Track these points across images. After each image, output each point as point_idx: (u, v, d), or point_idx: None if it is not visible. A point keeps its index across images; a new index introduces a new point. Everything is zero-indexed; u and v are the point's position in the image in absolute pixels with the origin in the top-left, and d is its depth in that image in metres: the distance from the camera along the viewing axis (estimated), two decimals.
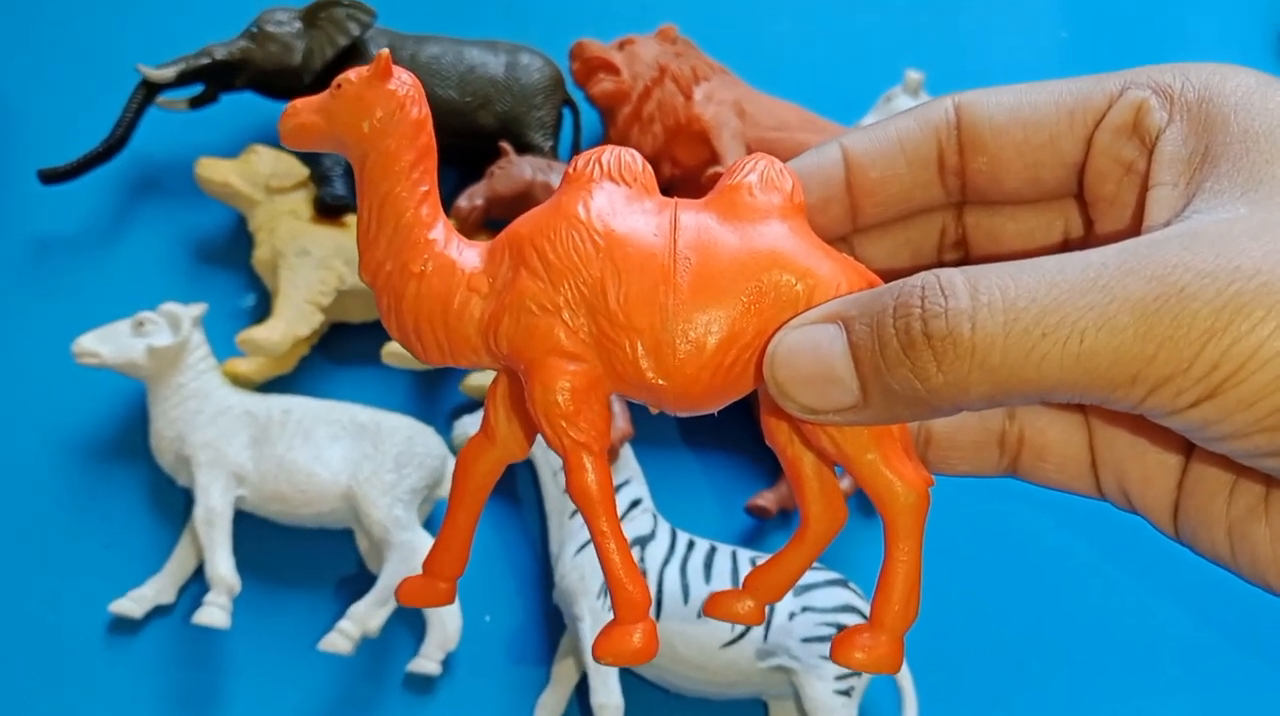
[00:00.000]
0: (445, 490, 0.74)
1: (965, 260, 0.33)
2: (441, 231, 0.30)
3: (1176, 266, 0.23)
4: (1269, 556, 0.28)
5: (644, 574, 0.69)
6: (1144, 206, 0.28)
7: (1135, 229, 0.28)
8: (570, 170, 0.30)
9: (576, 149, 0.88)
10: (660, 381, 0.28)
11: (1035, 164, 0.30)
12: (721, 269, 0.28)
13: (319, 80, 0.82)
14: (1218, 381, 0.23)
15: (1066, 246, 0.32)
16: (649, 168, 0.30)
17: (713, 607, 0.32)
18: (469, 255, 0.30)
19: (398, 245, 0.30)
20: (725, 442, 0.82)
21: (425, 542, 0.70)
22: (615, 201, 0.29)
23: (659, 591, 0.69)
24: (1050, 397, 0.25)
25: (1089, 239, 0.31)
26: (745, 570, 0.71)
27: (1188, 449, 0.30)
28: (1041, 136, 0.30)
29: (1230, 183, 0.26)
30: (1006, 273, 0.25)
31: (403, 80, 0.30)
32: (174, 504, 0.75)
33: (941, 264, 0.33)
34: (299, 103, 0.30)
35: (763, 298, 0.28)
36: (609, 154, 0.30)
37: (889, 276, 0.28)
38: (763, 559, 0.72)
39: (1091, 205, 0.31)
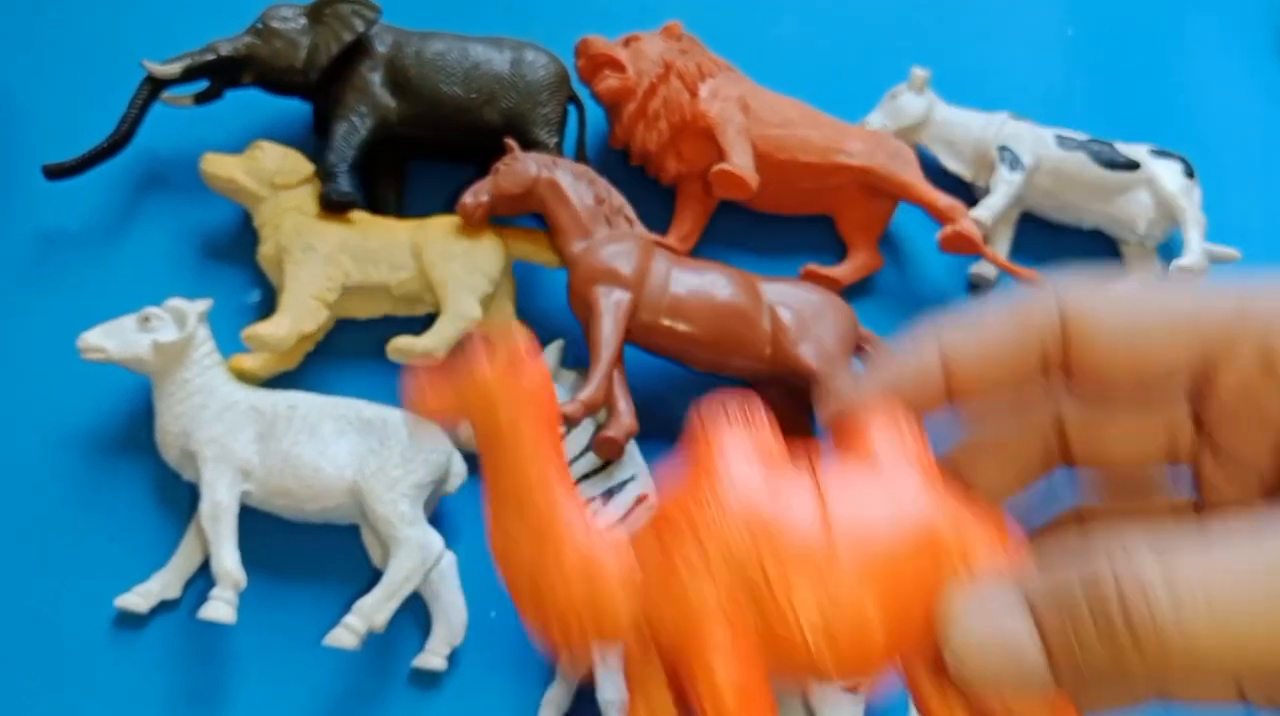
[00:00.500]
0: (451, 486, 0.74)
1: (1070, 462, 0.33)
2: (575, 512, 0.29)
3: None
4: None
5: None
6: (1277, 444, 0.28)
7: (1272, 465, 0.29)
8: (701, 443, 0.29)
9: (581, 146, 0.88)
10: (834, 670, 0.27)
11: (1147, 380, 0.30)
12: (879, 545, 0.27)
13: (324, 77, 0.82)
14: None
15: (1174, 446, 0.31)
16: (775, 427, 0.30)
17: None
18: (610, 540, 0.29)
19: (532, 529, 0.29)
20: None
21: (431, 538, 0.70)
22: (757, 479, 0.28)
23: None
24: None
25: (1202, 443, 0.31)
26: None
27: None
28: (1155, 352, 0.29)
29: None
30: (1203, 564, 0.24)
31: (534, 372, 0.29)
32: (179, 499, 0.75)
33: (1048, 472, 0.33)
34: (427, 382, 0.29)
35: (923, 571, 0.28)
36: (737, 425, 0.29)
37: (1003, 502, 0.30)
38: None
39: (1206, 416, 0.30)
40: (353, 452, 0.72)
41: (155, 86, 0.81)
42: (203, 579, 0.72)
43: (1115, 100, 1.00)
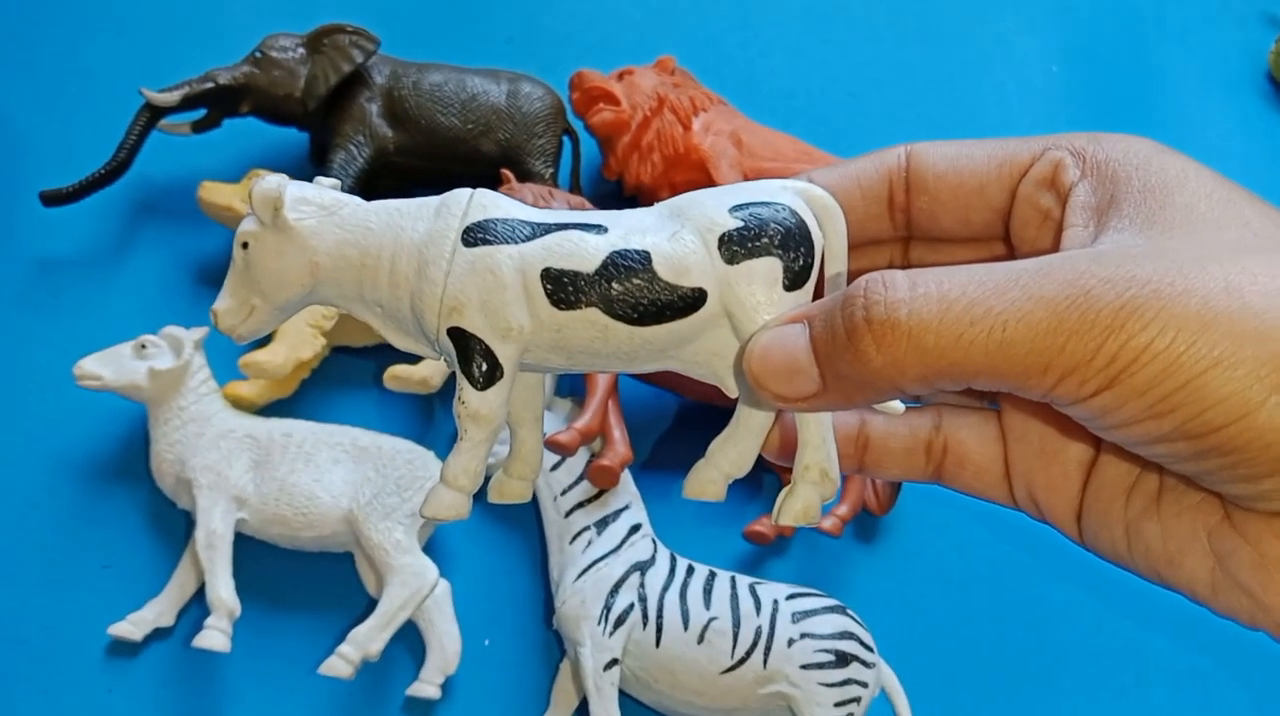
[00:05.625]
0: None
1: None
2: None
3: (1084, 273, 0.27)
4: (1160, 551, 0.32)
5: (644, 599, 0.70)
6: (1059, 245, 0.32)
7: None
8: None
9: (576, 177, 0.89)
10: None
11: (967, 207, 0.35)
12: None
13: (322, 106, 0.83)
14: (1115, 372, 0.27)
15: None
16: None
17: None
18: None
19: None
20: None
21: (426, 566, 0.71)
22: None
23: (659, 617, 0.70)
24: (975, 382, 0.29)
25: None
26: (745, 595, 0.71)
27: (1090, 461, 0.34)
28: (974, 183, 0.35)
29: (1130, 223, 0.30)
30: (942, 272, 0.29)
31: None
32: (174, 526, 0.75)
33: None
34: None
35: None
36: None
37: None
38: (762, 585, 0.73)
39: (1015, 247, 0.35)
40: (348, 481, 0.73)
41: (153, 114, 0.82)
42: (197, 607, 0.72)
43: None
